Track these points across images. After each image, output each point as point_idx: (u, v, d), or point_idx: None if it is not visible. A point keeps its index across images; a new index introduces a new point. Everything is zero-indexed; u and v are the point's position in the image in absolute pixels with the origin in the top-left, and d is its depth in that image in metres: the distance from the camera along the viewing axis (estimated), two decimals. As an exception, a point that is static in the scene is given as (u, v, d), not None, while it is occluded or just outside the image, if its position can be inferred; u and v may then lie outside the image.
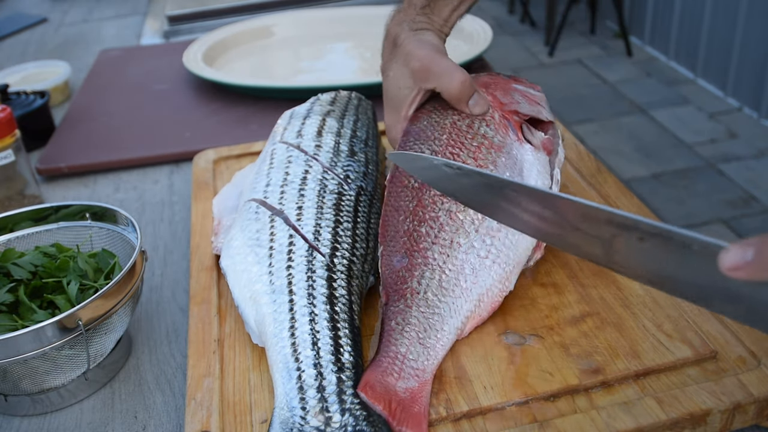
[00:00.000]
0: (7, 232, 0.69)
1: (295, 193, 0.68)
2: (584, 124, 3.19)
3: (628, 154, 2.93)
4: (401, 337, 0.56)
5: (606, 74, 3.67)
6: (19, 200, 0.89)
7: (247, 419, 0.54)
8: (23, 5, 1.94)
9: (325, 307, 0.57)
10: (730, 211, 2.52)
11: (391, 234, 0.63)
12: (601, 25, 4.25)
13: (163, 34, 1.56)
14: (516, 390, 0.54)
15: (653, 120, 3.17)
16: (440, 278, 0.59)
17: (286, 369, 0.53)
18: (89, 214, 0.70)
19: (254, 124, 1.06)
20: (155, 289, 0.75)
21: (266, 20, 1.42)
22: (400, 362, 0.54)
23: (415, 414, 0.51)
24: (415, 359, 0.55)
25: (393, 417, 0.51)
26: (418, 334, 0.56)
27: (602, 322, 0.60)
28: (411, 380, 0.53)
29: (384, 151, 0.87)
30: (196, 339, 0.62)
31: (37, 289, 0.63)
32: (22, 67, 1.31)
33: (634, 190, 2.63)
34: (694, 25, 3.42)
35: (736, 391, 0.52)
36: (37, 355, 0.55)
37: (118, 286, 0.59)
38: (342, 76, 1.23)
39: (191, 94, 1.20)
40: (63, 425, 0.60)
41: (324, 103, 0.84)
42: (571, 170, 0.81)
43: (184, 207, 0.89)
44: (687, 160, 2.85)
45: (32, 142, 1.05)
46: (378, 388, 0.52)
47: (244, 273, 0.63)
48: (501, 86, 0.74)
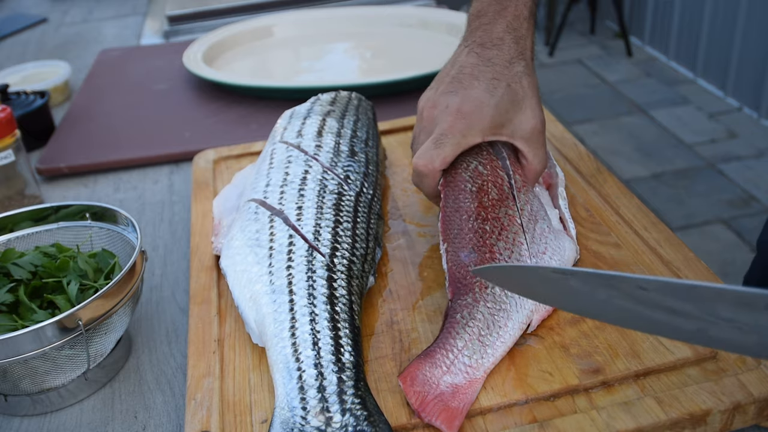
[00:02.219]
0: (7, 232, 0.69)
1: (294, 193, 0.68)
2: (584, 124, 3.19)
3: (628, 154, 2.93)
4: (462, 332, 0.56)
5: (606, 74, 3.68)
6: (19, 200, 0.89)
7: (247, 419, 0.55)
8: (23, 5, 1.94)
9: (325, 307, 0.57)
10: (730, 211, 2.52)
11: (455, 232, 0.63)
12: (601, 25, 4.25)
13: (163, 34, 1.56)
14: (516, 390, 0.54)
15: (653, 120, 3.18)
16: None
17: (287, 369, 0.53)
18: (89, 214, 0.70)
19: (254, 124, 1.06)
20: (155, 289, 0.75)
21: (266, 20, 1.42)
22: (454, 356, 0.54)
23: (451, 409, 0.51)
24: (469, 356, 0.55)
25: (423, 409, 0.51)
26: (480, 331, 0.56)
27: (602, 322, 0.60)
28: (459, 376, 0.54)
29: (384, 151, 0.87)
30: (196, 339, 0.62)
31: (37, 289, 0.63)
32: (22, 67, 1.31)
33: (634, 190, 2.63)
34: (694, 25, 3.42)
35: (736, 391, 0.52)
36: (37, 355, 0.55)
37: (118, 286, 0.59)
38: (342, 76, 1.24)
39: (191, 94, 1.20)
40: (63, 425, 0.60)
41: (324, 103, 0.84)
42: (571, 170, 0.81)
43: (184, 207, 0.89)
44: (687, 160, 2.85)
45: (32, 142, 1.06)
46: (417, 381, 0.53)
47: (244, 273, 0.63)
48: None
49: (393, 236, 0.74)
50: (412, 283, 0.67)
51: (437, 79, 0.68)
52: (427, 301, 0.64)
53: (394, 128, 0.95)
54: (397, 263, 0.70)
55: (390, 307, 0.64)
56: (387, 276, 0.68)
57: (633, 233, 0.70)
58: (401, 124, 0.95)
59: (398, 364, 0.58)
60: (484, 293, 0.58)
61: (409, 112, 1.01)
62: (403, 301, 0.65)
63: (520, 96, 0.64)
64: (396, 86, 1.09)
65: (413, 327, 0.61)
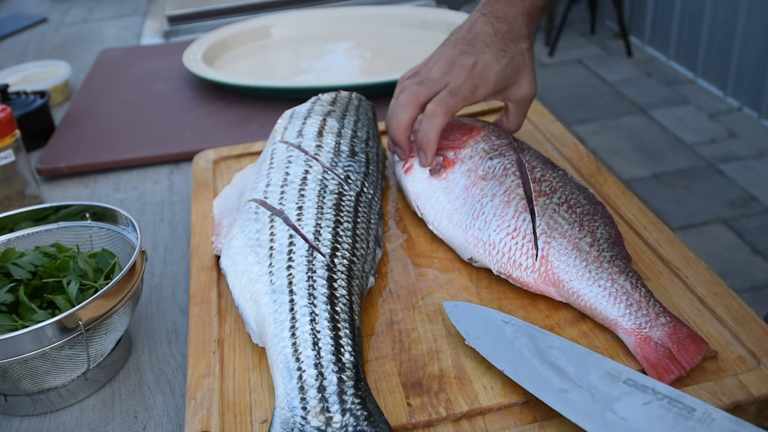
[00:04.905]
0: (7, 232, 0.69)
1: (295, 193, 0.68)
2: (584, 124, 3.19)
3: (628, 154, 2.93)
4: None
5: (606, 74, 3.68)
6: (19, 200, 0.89)
7: (247, 419, 0.55)
8: (23, 5, 1.94)
9: (325, 307, 0.57)
10: (730, 211, 2.52)
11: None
12: (601, 25, 4.25)
13: (163, 34, 1.56)
14: (516, 390, 0.54)
15: (653, 120, 3.18)
16: None
17: (287, 369, 0.53)
18: (89, 214, 0.70)
19: (254, 124, 1.06)
20: (155, 289, 0.75)
21: (266, 20, 1.42)
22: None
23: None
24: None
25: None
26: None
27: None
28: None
29: (384, 151, 0.87)
30: (196, 339, 0.62)
31: (37, 289, 0.63)
32: (22, 67, 1.31)
33: (634, 190, 2.63)
34: (694, 25, 3.42)
35: (736, 391, 0.52)
36: (37, 355, 0.55)
37: (118, 286, 0.59)
38: (342, 76, 1.24)
39: (191, 94, 1.20)
40: (63, 425, 0.60)
41: (325, 103, 0.84)
42: (571, 170, 0.81)
43: (184, 207, 0.89)
44: (687, 160, 2.85)
45: (32, 142, 1.06)
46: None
47: (244, 273, 0.63)
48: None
49: (393, 236, 0.74)
50: (412, 283, 0.67)
51: (453, 39, 0.78)
52: (427, 301, 0.64)
53: (394, 128, 0.95)
54: (397, 263, 0.70)
55: (390, 307, 0.64)
56: (387, 276, 0.68)
57: (633, 233, 0.70)
58: (401, 124, 0.95)
59: (398, 364, 0.58)
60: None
61: (409, 112, 1.01)
62: (403, 301, 0.65)
63: (521, 68, 0.76)
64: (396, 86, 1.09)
65: (413, 327, 0.61)
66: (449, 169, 0.74)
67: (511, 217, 0.65)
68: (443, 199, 0.72)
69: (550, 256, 0.62)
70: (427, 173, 0.75)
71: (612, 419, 0.46)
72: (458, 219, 0.69)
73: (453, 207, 0.71)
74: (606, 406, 0.47)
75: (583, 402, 0.48)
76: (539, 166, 0.71)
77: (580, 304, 0.60)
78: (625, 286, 0.58)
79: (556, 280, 0.61)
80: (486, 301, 0.64)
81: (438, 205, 0.72)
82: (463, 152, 0.75)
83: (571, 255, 0.61)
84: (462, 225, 0.68)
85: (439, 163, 0.74)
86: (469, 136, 0.77)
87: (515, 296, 0.63)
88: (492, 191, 0.69)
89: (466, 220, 0.68)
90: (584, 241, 0.62)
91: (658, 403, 0.47)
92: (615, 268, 0.60)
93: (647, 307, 0.57)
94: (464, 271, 0.68)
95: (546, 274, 0.62)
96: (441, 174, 0.74)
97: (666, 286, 0.63)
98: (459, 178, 0.72)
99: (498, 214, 0.66)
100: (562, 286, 0.61)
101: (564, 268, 0.61)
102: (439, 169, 0.74)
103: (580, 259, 0.61)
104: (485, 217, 0.67)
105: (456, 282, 0.66)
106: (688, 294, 0.61)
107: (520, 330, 0.55)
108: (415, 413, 0.53)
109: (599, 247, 0.62)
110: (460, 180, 0.72)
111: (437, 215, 0.72)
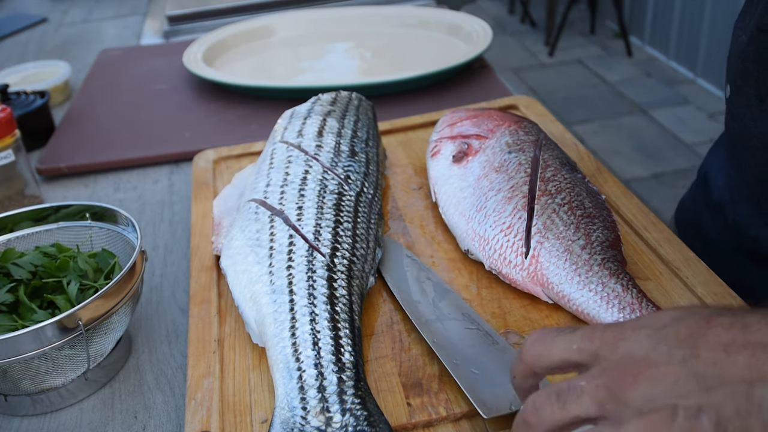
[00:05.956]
0: (7, 232, 0.69)
1: (295, 193, 0.68)
2: (584, 124, 3.19)
3: (628, 154, 2.93)
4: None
5: (606, 74, 3.68)
6: (19, 200, 0.89)
7: (247, 419, 0.55)
8: (23, 5, 1.94)
9: (325, 307, 0.57)
10: (730, 211, 2.52)
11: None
12: (601, 25, 4.25)
13: (163, 34, 1.56)
14: (516, 390, 0.54)
15: (653, 120, 3.18)
16: None
17: (287, 369, 0.53)
18: (89, 214, 0.70)
19: (254, 124, 1.06)
20: (155, 289, 0.75)
21: (266, 20, 1.42)
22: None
23: None
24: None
25: None
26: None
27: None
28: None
29: (384, 151, 0.87)
30: (196, 339, 0.62)
31: (37, 289, 0.63)
32: (22, 67, 1.31)
33: (634, 190, 2.63)
34: (694, 25, 3.42)
35: (736, 391, 0.52)
36: (37, 355, 0.55)
37: (118, 286, 0.59)
38: (342, 76, 1.23)
39: (191, 94, 1.20)
40: (63, 425, 0.60)
41: (325, 103, 0.84)
42: (571, 170, 0.81)
43: (184, 207, 0.89)
44: (687, 160, 2.85)
45: (32, 142, 1.06)
46: None
47: (244, 273, 0.63)
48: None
49: (393, 236, 0.74)
50: (412, 283, 0.67)
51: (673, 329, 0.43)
52: (427, 301, 0.64)
53: (394, 128, 0.95)
54: (397, 263, 0.70)
55: (390, 307, 0.64)
56: (387, 276, 0.68)
57: (633, 233, 0.70)
58: (401, 124, 0.95)
59: (398, 364, 0.58)
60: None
61: (409, 112, 1.01)
62: (403, 301, 0.65)
63: None
64: (396, 86, 1.09)
65: (413, 327, 0.61)
66: (471, 157, 0.73)
67: (508, 214, 0.65)
68: (456, 186, 0.72)
69: (540, 256, 0.62)
70: (451, 159, 0.75)
71: (438, 327, 0.60)
72: (463, 208, 0.69)
73: (462, 195, 0.71)
74: (439, 319, 0.61)
75: (427, 313, 0.62)
76: (554, 165, 0.70)
77: (572, 308, 0.59)
78: (616, 289, 0.58)
79: (545, 281, 0.61)
80: (486, 301, 0.64)
81: (450, 192, 0.72)
82: (487, 142, 0.74)
83: (561, 257, 0.61)
84: (465, 215, 0.69)
85: (463, 151, 0.73)
86: (498, 128, 0.76)
87: (515, 296, 0.63)
88: (499, 185, 0.68)
89: (469, 211, 0.69)
90: (577, 244, 0.62)
91: (477, 332, 0.59)
92: (606, 271, 0.59)
93: (641, 309, 0.56)
94: (464, 271, 0.68)
95: (535, 273, 0.61)
96: (462, 161, 0.73)
97: (666, 286, 0.63)
98: (476, 167, 0.72)
99: (497, 210, 0.66)
100: (551, 288, 0.60)
101: (553, 269, 0.61)
102: (462, 156, 0.73)
103: (570, 261, 0.60)
104: (486, 211, 0.67)
105: (456, 282, 0.66)
106: (688, 294, 0.61)
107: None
108: (415, 413, 0.53)
109: (591, 249, 0.61)
110: (476, 170, 0.72)
111: (448, 201, 0.72)
